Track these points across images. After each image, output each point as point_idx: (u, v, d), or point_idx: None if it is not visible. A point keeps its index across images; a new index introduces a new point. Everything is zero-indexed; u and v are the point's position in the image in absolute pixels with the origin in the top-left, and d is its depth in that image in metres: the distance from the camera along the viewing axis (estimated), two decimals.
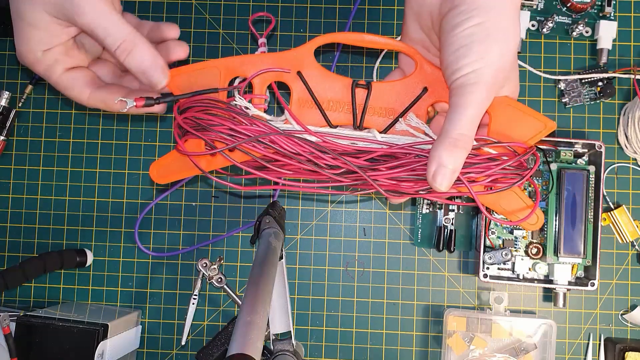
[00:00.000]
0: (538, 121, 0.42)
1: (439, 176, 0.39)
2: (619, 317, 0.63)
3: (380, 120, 0.44)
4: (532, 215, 0.44)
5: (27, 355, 0.56)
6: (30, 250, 0.66)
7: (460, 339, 0.61)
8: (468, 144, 0.39)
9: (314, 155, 0.41)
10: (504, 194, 0.44)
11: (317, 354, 0.64)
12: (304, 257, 0.65)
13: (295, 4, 0.66)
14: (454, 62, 0.39)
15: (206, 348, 0.55)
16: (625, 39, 0.64)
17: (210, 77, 0.43)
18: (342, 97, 0.44)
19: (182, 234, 0.65)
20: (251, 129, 0.41)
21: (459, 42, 0.38)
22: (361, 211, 0.65)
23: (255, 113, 0.43)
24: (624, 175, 0.64)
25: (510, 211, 0.44)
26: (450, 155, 0.39)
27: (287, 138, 0.41)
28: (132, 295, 0.65)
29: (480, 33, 0.38)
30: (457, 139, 0.39)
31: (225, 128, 0.41)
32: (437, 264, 0.64)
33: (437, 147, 0.39)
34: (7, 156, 0.66)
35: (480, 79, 0.38)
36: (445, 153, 0.39)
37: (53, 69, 0.43)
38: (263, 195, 0.65)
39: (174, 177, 0.45)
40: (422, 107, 0.44)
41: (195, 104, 0.42)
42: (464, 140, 0.39)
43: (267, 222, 0.51)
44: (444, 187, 0.40)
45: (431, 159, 0.40)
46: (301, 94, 0.44)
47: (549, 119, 0.43)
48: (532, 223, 0.45)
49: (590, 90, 0.64)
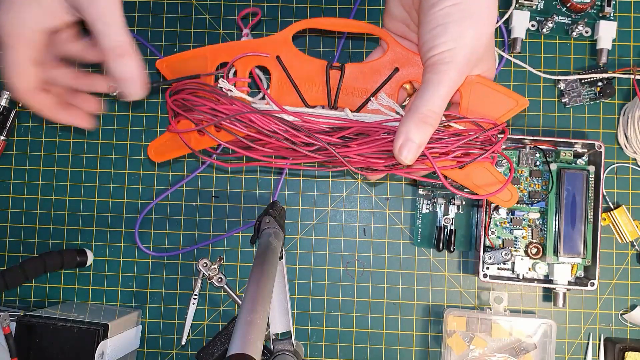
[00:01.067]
0: (510, 98, 0.44)
1: (405, 150, 0.41)
2: (619, 317, 0.63)
3: (355, 100, 0.47)
4: (503, 191, 0.44)
5: (27, 355, 0.56)
6: (31, 250, 0.66)
7: (460, 339, 0.61)
8: (436, 120, 0.41)
9: (290, 134, 0.43)
10: (476, 170, 0.45)
11: (317, 354, 0.64)
12: (304, 257, 0.65)
13: (295, 4, 0.66)
14: (430, 40, 0.40)
15: (206, 348, 0.55)
16: (625, 39, 0.64)
17: (199, 63, 0.47)
18: (318, 79, 0.47)
19: (182, 234, 0.65)
20: (231, 108, 0.44)
21: (436, 21, 0.40)
22: (361, 211, 0.65)
23: (236, 95, 0.46)
24: (624, 175, 0.64)
25: (482, 186, 0.45)
26: (418, 130, 0.40)
27: (264, 117, 0.43)
28: (132, 295, 0.65)
29: (457, 14, 0.39)
30: (426, 115, 0.40)
31: (208, 108, 0.44)
32: (437, 263, 0.64)
33: (405, 122, 0.41)
34: (8, 156, 0.66)
35: (454, 58, 0.40)
36: (413, 127, 0.40)
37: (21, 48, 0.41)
38: (262, 195, 0.65)
39: (169, 155, 0.49)
40: (393, 86, 0.46)
41: (184, 87, 0.45)
42: (432, 116, 0.40)
43: (267, 222, 0.51)
44: (408, 160, 0.41)
45: (399, 133, 0.41)
46: (280, 77, 0.47)
47: (521, 96, 0.44)
48: (506, 200, 0.45)
49: (590, 91, 0.64)
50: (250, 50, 0.46)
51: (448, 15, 0.39)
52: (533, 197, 0.61)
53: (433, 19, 0.40)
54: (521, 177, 0.61)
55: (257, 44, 0.46)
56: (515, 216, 0.61)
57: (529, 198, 0.61)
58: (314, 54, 0.47)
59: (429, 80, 0.40)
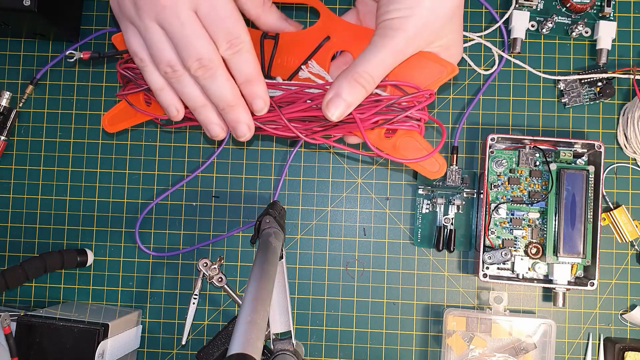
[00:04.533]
0: (439, 65, 0.43)
1: (333, 105, 0.40)
2: (619, 317, 0.63)
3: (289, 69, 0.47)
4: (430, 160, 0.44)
5: (28, 355, 0.56)
6: (31, 250, 0.66)
7: (460, 339, 0.61)
8: (370, 83, 0.40)
9: None
10: (403, 140, 0.45)
11: (317, 354, 0.64)
12: (304, 257, 0.65)
13: None
14: (385, 4, 0.40)
15: (206, 348, 0.55)
16: (625, 39, 0.65)
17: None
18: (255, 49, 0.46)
19: (182, 233, 0.65)
20: None
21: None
22: (361, 211, 0.65)
23: None
24: (624, 175, 0.64)
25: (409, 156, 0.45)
26: (349, 88, 0.40)
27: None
28: (132, 295, 0.65)
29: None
30: (361, 75, 0.40)
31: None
32: (436, 263, 0.64)
33: (339, 78, 0.40)
34: (8, 156, 0.66)
35: (404, 27, 0.39)
36: (345, 84, 0.40)
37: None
38: (262, 195, 0.65)
39: (123, 124, 0.51)
40: (325, 55, 0.46)
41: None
42: (366, 78, 0.40)
43: (268, 222, 0.52)
44: (335, 116, 0.41)
45: (331, 88, 0.41)
46: None
47: (451, 63, 0.43)
48: (433, 170, 0.45)
49: (590, 91, 0.64)
50: None
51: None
52: (533, 197, 0.61)
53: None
54: (521, 177, 0.61)
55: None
56: (515, 216, 0.61)
57: (528, 198, 0.61)
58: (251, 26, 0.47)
59: (374, 42, 0.40)
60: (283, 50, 0.47)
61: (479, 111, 0.65)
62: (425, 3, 0.39)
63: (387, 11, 0.39)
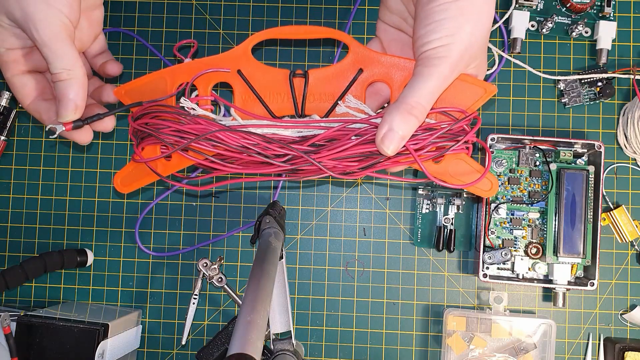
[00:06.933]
0: (477, 87, 0.43)
1: (387, 140, 0.40)
2: (619, 317, 0.63)
3: (323, 106, 0.46)
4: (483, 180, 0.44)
5: (28, 354, 0.56)
6: (31, 250, 0.66)
7: (460, 339, 0.61)
8: (422, 113, 0.40)
9: (261, 147, 0.42)
10: (452, 162, 0.44)
11: (317, 354, 0.64)
12: (304, 257, 0.65)
13: (295, 4, 0.66)
14: (425, 35, 0.40)
15: (206, 348, 0.55)
16: (625, 39, 0.65)
17: (158, 86, 0.45)
18: (283, 89, 0.46)
19: (182, 233, 0.65)
20: (197, 127, 0.42)
21: (432, 17, 0.39)
22: (361, 211, 0.65)
23: (200, 113, 0.44)
24: (624, 175, 0.64)
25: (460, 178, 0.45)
26: (403, 121, 0.40)
27: (232, 133, 0.42)
28: (132, 295, 0.65)
29: (454, 10, 0.39)
30: (413, 107, 0.40)
31: (171, 130, 0.43)
32: (436, 263, 0.64)
33: (391, 111, 0.40)
34: (8, 156, 0.66)
35: (448, 54, 0.39)
36: (398, 117, 0.40)
37: (9, 66, 0.44)
38: (262, 195, 0.65)
39: (136, 184, 0.47)
40: (360, 88, 0.45)
41: (146, 111, 0.44)
42: (418, 108, 0.40)
43: (268, 222, 0.52)
44: (390, 150, 0.40)
45: (383, 122, 0.40)
46: (243, 91, 0.46)
47: (489, 83, 0.43)
48: (486, 189, 0.45)
49: (590, 91, 0.64)
50: (210, 67, 0.45)
51: (445, 11, 0.39)
52: (533, 197, 0.61)
53: (430, 14, 0.39)
54: (521, 177, 0.61)
55: (216, 60, 0.45)
56: (515, 216, 0.61)
57: (528, 198, 0.61)
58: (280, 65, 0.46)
59: (420, 72, 0.40)
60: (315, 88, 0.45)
61: (479, 111, 0.65)
62: (466, 28, 0.39)
63: (429, 41, 0.40)
